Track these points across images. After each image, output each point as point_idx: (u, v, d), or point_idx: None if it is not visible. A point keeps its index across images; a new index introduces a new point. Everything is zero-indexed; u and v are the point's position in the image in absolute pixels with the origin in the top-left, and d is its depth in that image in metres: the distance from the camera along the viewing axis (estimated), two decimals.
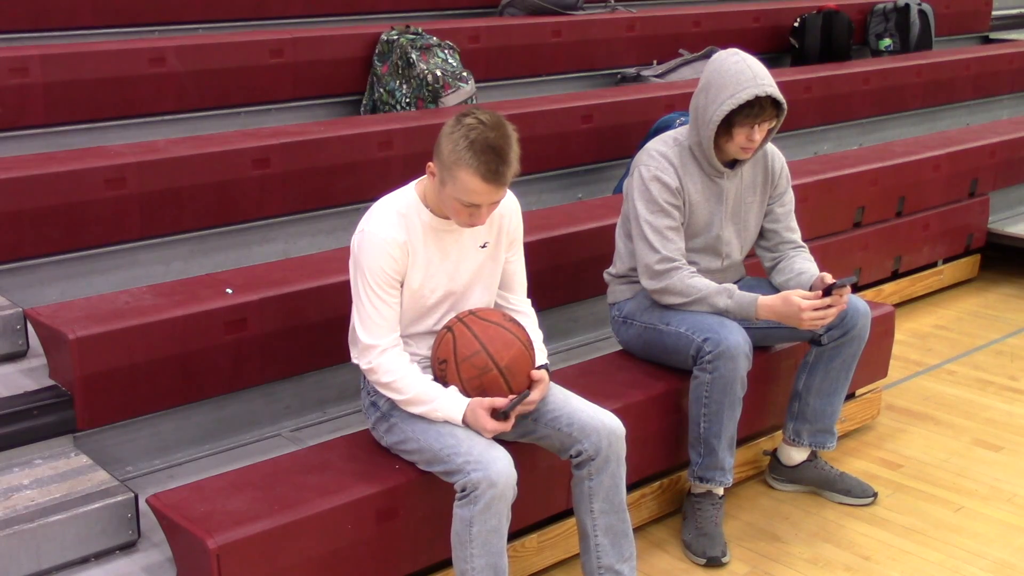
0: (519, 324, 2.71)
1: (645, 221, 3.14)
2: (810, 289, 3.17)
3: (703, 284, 3.13)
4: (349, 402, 3.35)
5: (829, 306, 3.05)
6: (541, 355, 2.77)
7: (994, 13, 8.16)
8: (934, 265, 5.34)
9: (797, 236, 3.40)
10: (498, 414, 2.56)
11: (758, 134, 3.09)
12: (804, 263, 3.31)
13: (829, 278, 3.17)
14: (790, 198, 3.41)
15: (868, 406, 3.96)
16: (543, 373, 2.70)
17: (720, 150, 3.16)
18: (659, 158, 3.18)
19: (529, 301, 2.91)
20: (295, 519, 2.49)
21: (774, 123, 3.15)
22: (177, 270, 3.69)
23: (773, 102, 3.07)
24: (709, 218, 3.24)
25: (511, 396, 2.60)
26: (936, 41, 7.16)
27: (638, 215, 3.16)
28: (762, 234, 3.40)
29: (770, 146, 3.34)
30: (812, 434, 3.42)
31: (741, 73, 3.04)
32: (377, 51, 4.78)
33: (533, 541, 2.99)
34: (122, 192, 3.52)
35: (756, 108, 3.04)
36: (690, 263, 3.20)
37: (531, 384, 2.66)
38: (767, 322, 3.12)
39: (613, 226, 3.41)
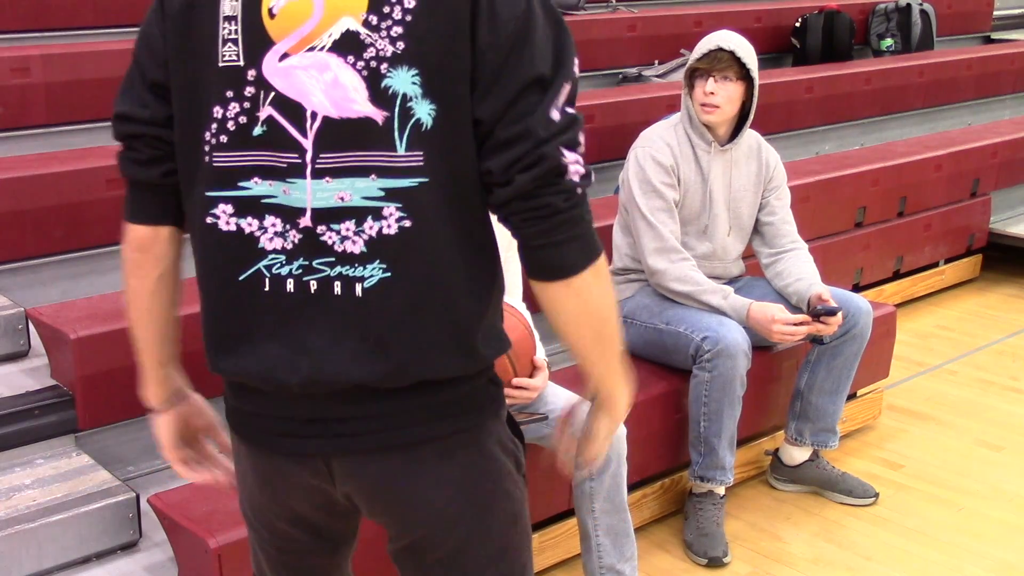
0: (520, 311, 2.71)
1: (642, 204, 3.18)
2: (807, 303, 3.20)
3: (702, 278, 3.17)
4: None
5: (802, 323, 3.09)
6: (539, 352, 2.76)
7: (996, 13, 8.15)
8: (935, 265, 5.33)
9: (793, 230, 3.41)
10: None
11: (716, 86, 3.14)
12: (804, 266, 3.32)
13: (826, 294, 3.19)
14: (786, 193, 3.42)
15: (869, 406, 3.96)
16: (545, 361, 2.69)
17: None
18: (655, 139, 3.26)
19: (524, 304, 2.90)
20: None
21: (741, 85, 3.17)
22: None
23: (737, 62, 3.13)
24: (703, 200, 3.26)
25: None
26: (938, 41, 7.16)
27: (634, 198, 3.19)
28: (758, 228, 3.41)
29: (764, 143, 3.39)
30: (814, 433, 3.42)
31: (709, 38, 3.20)
32: None
33: (534, 541, 2.99)
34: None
35: (713, 60, 3.14)
36: (684, 247, 3.23)
37: (534, 371, 2.66)
38: None
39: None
